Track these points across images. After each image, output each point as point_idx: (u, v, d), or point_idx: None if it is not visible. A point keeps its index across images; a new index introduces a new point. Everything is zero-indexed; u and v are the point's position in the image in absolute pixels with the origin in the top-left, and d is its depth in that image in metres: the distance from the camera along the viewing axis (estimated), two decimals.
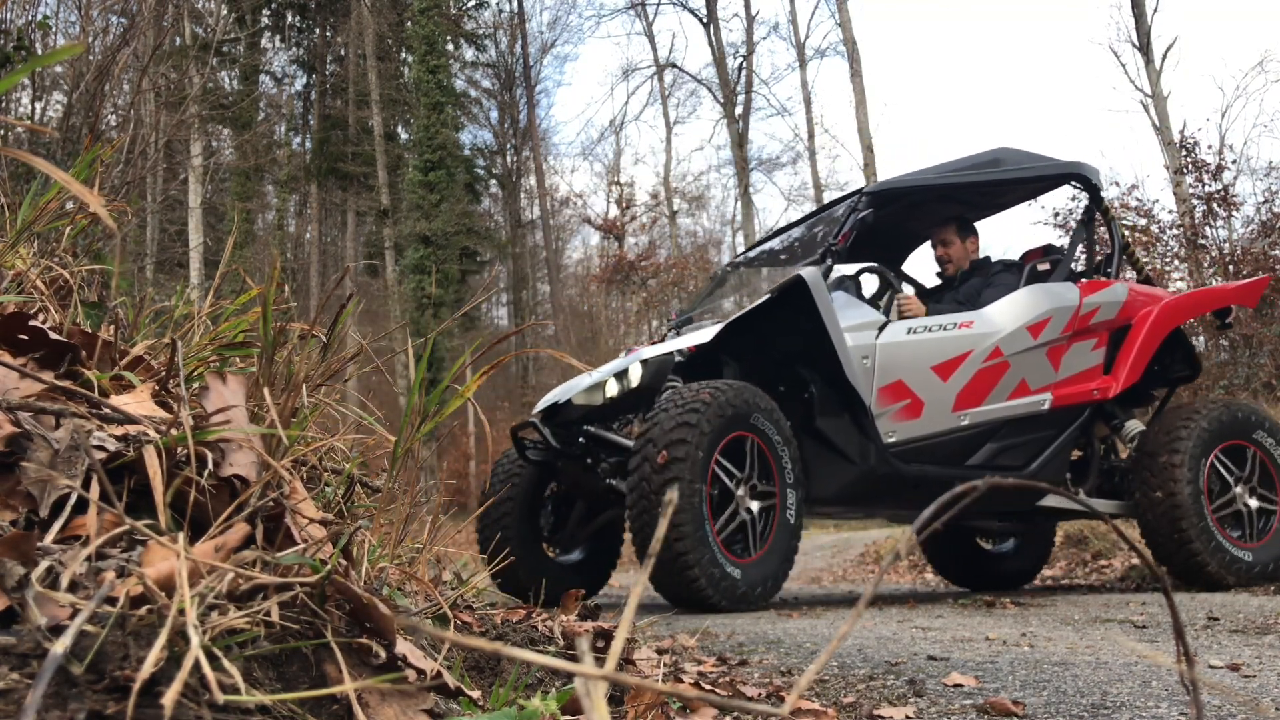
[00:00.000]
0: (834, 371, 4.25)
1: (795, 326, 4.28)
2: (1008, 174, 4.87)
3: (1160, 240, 12.98)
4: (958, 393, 4.48)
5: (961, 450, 4.55)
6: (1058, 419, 4.75)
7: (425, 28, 22.26)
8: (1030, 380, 4.66)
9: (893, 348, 4.40)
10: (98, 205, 0.59)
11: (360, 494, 1.42)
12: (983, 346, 4.53)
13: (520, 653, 0.43)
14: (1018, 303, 4.67)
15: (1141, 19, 16.25)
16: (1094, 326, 4.81)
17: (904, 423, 4.40)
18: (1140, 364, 4.86)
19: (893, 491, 4.45)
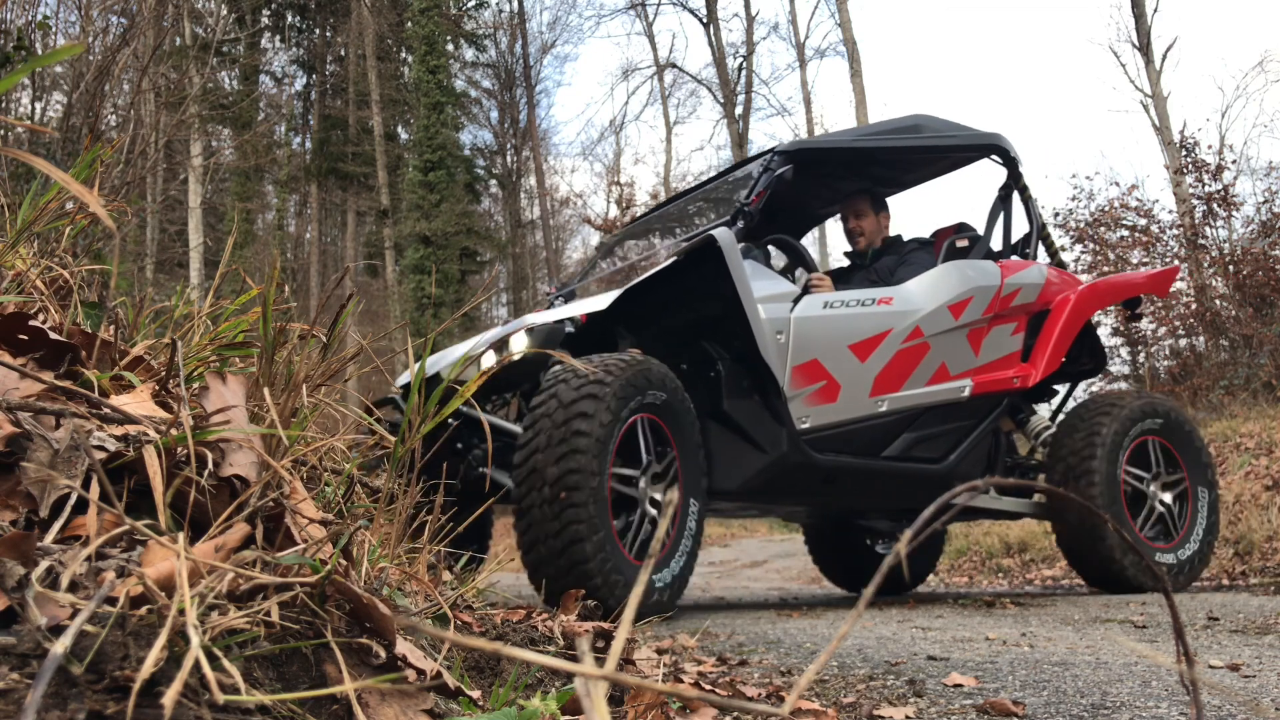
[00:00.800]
0: (745, 347, 3.81)
1: (702, 295, 3.85)
2: (926, 140, 4.55)
3: (1160, 240, 12.98)
4: (876, 375, 4.11)
5: (878, 439, 4.19)
6: (977, 408, 4.45)
7: (425, 28, 22.27)
8: (950, 364, 4.33)
9: (809, 323, 3.96)
10: (97, 205, 0.59)
11: (360, 494, 1.42)
12: (903, 325, 4.17)
13: (520, 653, 0.43)
14: (938, 280, 4.32)
15: (1141, 19, 16.25)
16: (1014, 309, 4.51)
17: (819, 407, 3.98)
18: (1059, 352, 4.60)
19: (803, 484, 4.03)
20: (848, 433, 4.07)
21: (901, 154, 4.66)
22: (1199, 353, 11.98)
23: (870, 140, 4.45)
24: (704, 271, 3.73)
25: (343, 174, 26.37)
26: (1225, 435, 7.86)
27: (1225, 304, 11.74)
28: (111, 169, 5.18)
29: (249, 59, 23.65)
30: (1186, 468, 4.62)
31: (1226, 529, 6.06)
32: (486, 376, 1.41)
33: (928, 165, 5.03)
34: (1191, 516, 4.59)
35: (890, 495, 4.41)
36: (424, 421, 1.29)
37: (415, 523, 1.49)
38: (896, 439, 4.24)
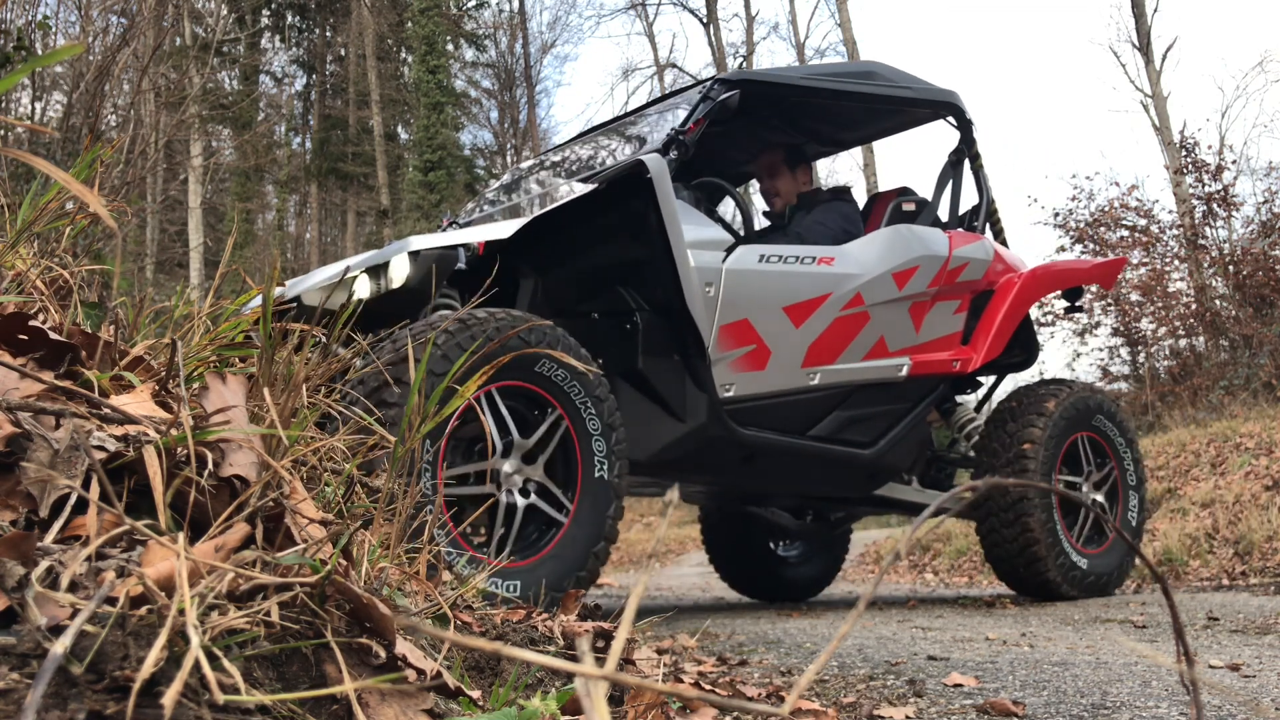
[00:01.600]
0: (669, 298, 3.31)
1: (623, 232, 3.37)
2: (879, 88, 4.08)
3: (1160, 240, 12.99)
4: (810, 344, 3.66)
5: (806, 416, 3.76)
6: (913, 390, 4.04)
7: (425, 28, 22.27)
8: (889, 339, 3.89)
9: (742, 276, 3.47)
10: (98, 205, 0.59)
11: (360, 494, 1.42)
12: (843, 290, 3.71)
13: (520, 653, 0.43)
14: (883, 243, 3.90)
15: (1141, 19, 16.26)
16: (958, 286, 4.09)
17: (745, 374, 3.52)
18: (1003, 337, 4.21)
19: (721, 461, 3.60)
20: (775, 405, 3.63)
21: (851, 101, 4.14)
22: (1199, 353, 11.98)
23: (821, 80, 3.97)
24: (630, 206, 3.25)
25: (343, 174, 26.37)
26: (1225, 435, 7.86)
27: (1225, 304, 11.75)
28: (111, 169, 5.18)
29: (249, 59, 23.66)
30: (1117, 464, 4.35)
31: (1226, 529, 6.06)
32: (485, 376, 1.41)
33: (874, 120, 4.61)
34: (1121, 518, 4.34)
35: (812, 480, 4.04)
36: (424, 421, 1.29)
37: (415, 522, 1.49)
38: (826, 417, 3.81)
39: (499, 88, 28.67)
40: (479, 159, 27.61)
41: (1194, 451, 7.85)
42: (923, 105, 4.31)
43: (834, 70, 4.10)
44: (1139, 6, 16.28)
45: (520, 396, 2.88)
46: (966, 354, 4.16)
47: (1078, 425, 4.19)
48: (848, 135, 4.82)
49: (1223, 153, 12.95)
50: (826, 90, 3.98)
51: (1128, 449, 4.38)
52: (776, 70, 4.03)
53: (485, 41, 27.57)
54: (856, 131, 4.79)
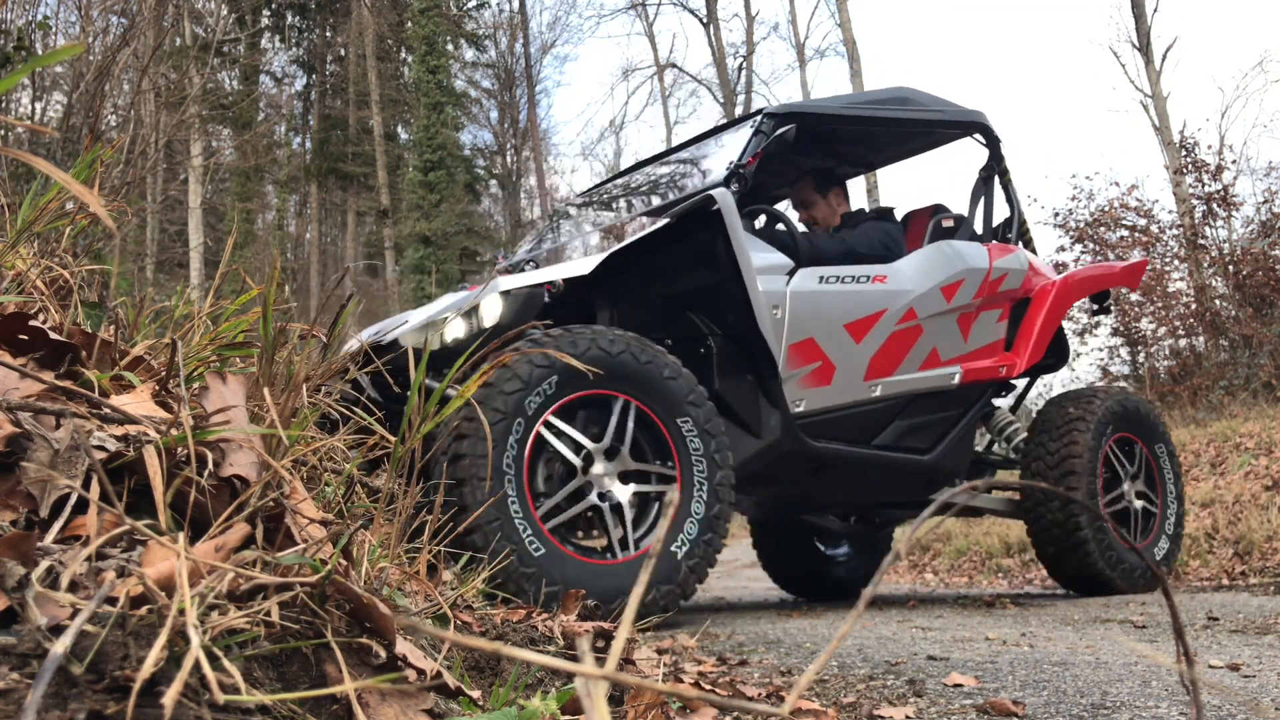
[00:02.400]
0: (742, 322, 3.53)
1: (694, 262, 3.58)
2: (913, 113, 4.30)
3: (1160, 240, 12.98)
4: (870, 358, 3.87)
5: (869, 426, 3.96)
6: (965, 396, 4.26)
7: (425, 28, 22.27)
8: (941, 350, 4.11)
9: (806, 298, 3.68)
10: (98, 205, 0.60)
11: (360, 494, 1.42)
12: (897, 305, 3.92)
13: (520, 652, 0.43)
14: (930, 260, 4.11)
15: (1141, 19, 16.26)
16: (1000, 296, 4.31)
17: (813, 390, 3.72)
18: (1043, 343, 4.43)
19: (794, 473, 3.81)
20: (841, 418, 3.84)
21: (886, 126, 4.40)
22: (1199, 353, 11.97)
23: (860, 109, 4.20)
24: (698, 237, 3.47)
25: (343, 174, 26.37)
26: (1225, 435, 7.86)
27: (1225, 304, 11.74)
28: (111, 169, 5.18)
29: (249, 59, 23.65)
30: (1155, 465, 4.55)
31: (1226, 529, 6.06)
32: (485, 377, 1.41)
33: (906, 142, 4.82)
34: (1161, 513, 4.54)
35: (877, 487, 4.23)
36: (424, 421, 1.29)
37: (415, 522, 1.49)
38: (887, 427, 4.03)
39: (499, 88, 28.68)
40: (479, 159, 27.61)
41: (1194, 451, 7.85)
42: (953, 126, 4.53)
43: (871, 98, 4.29)
44: (1139, 6, 16.28)
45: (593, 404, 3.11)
46: (1010, 360, 4.38)
47: (1119, 428, 4.40)
48: (878, 156, 5.01)
49: (1222, 153, 12.95)
50: (867, 118, 4.22)
51: (1165, 451, 4.59)
52: (820, 102, 4.21)
53: (485, 41, 27.57)
54: (886, 152, 4.97)
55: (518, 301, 3.37)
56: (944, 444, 4.16)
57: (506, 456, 2.87)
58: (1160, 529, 4.51)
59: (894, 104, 4.27)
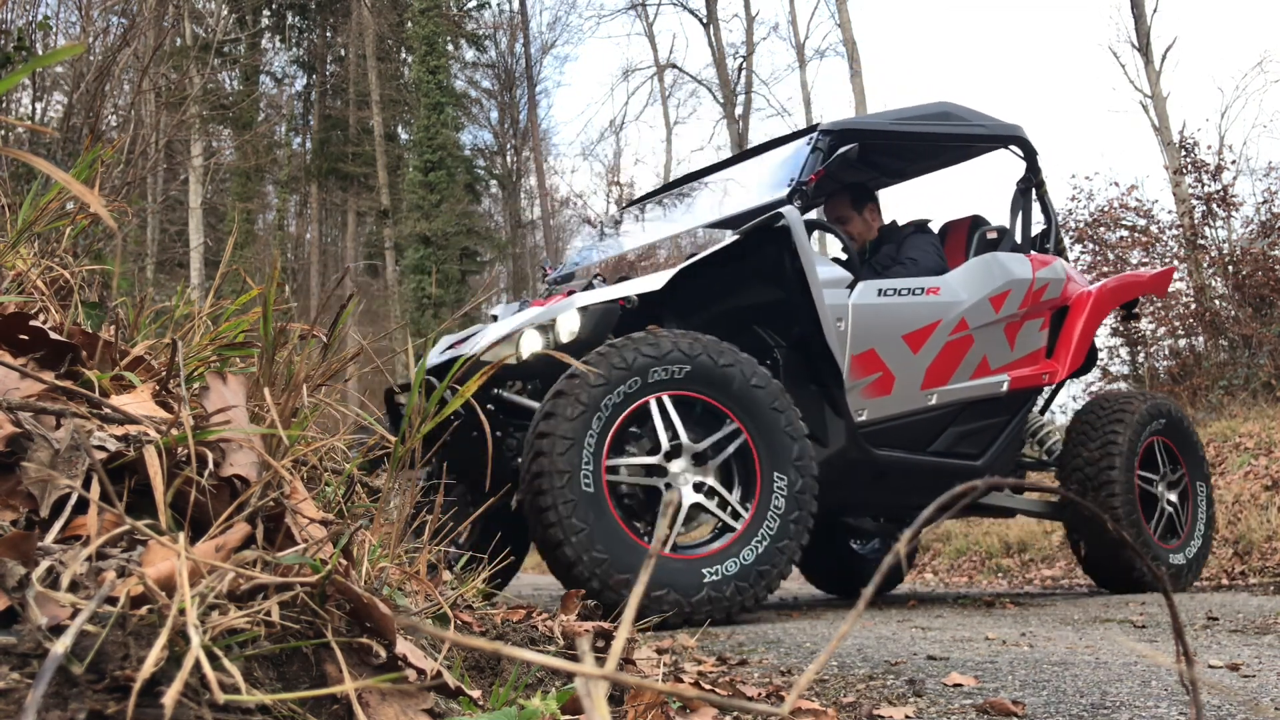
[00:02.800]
0: (809, 334, 3.66)
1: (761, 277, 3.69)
2: (956, 128, 4.43)
3: (1160, 240, 12.98)
4: (927, 367, 4.01)
5: (926, 434, 4.11)
6: (1012, 403, 4.40)
7: (425, 28, 22.27)
8: (991, 358, 4.25)
9: (867, 310, 3.81)
10: (98, 205, 0.60)
11: (360, 494, 1.42)
12: (950, 316, 4.06)
13: (520, 652, 0.43)
14: (978, 271, 4.25)
15: (1141, 19, 16.26)
16: (1042, 305, 4.46)
17: (875, 399, 3.86)
18: (1082, 349, 4.60)
19: (858, 480, 3.91)
20: (900, 426, 3.98)
21: (929, 141, 4.52)
22: (1198, 353, 11.97)
23: (907, 125, 4.30)
24: (765, 252, 3.58)
25: (343, 174, 26.37)
26: (1225, 435, 7.86)
27: (1225, 304, 11.74)
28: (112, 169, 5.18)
29: (249, 59, 23.65)
30: (1186, 466, 4.68)
31: (1226, 529, 6.06)
32: (485, 377, 1.41)
33: (943, 154, 4.93)
34: (1192, 514, 4.67)
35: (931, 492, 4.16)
36: (424, 421, 1.29)
37: (415, 522, 1.49)
38: (941, 434, 4.17)
39: (499, 88, 28.68)
40: (479, 159, 27.62)
41: None
42: (992, 139, 4.63)
43: (916, 114, 4.36)
44: (1139, 7, 16.28)
45: (696, 406, 3.24)
46: (1053, 367, 4.53)
47: (1153, 431, 4.55)
48: (913, 168, 5.12)
49: (1222, 153, 12.94)
50: (915, 134, 4.34)
51: (1195, 449, 4.75)
52: (870, 118, 4.33)
53: (485, 41, 27.57)
54: (922, 164, 5.08)
55: (594, 317, 3.49)
56: (994, 449, 4.31)
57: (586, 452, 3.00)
58: (1192, 529, 4.64)
59: (938, 119, 4.38)
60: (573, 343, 3.45)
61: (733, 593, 3.08)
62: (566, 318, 3.49)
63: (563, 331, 3.48)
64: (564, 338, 3.47)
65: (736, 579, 3.10)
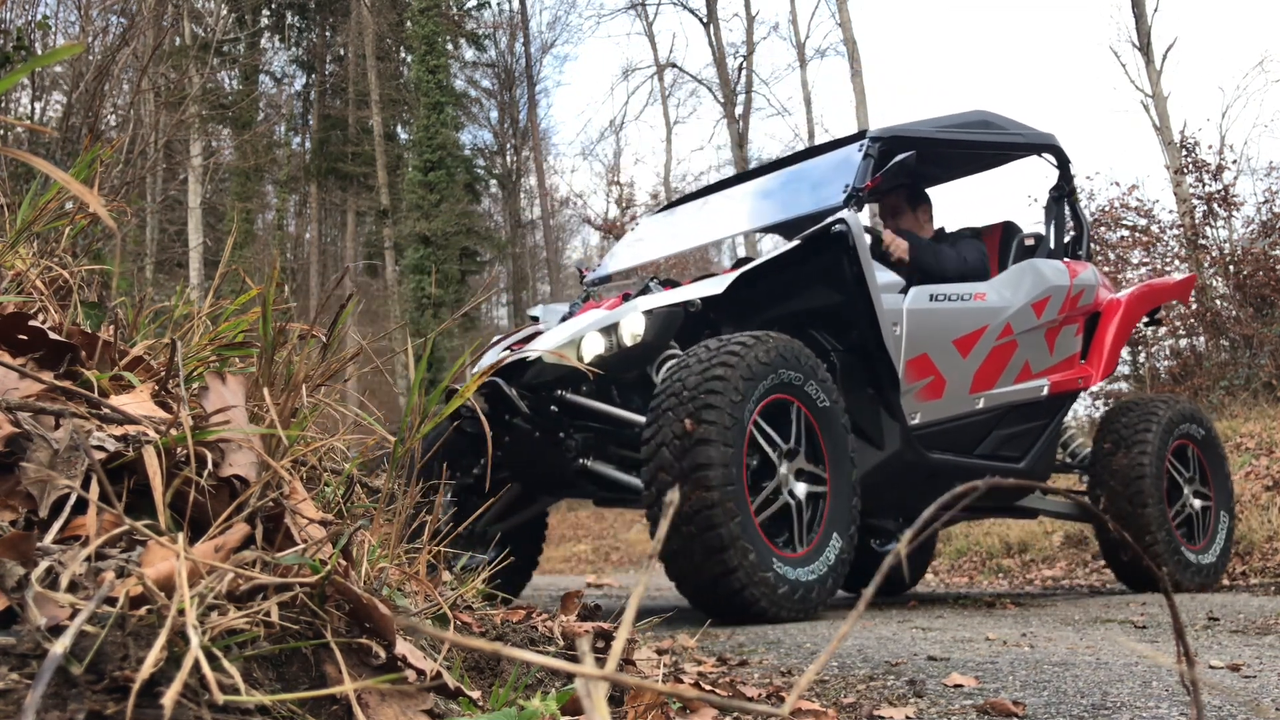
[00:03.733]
0: (867, 339, 3.72)
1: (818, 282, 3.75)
2: (996, 136, 4.52)
3: (1160, 240, 12.98)
4: (975, 372, 4.08)
5: (973, 437, 4.20)
6: (1051, 407, 4.49)
7: (425, 28, 22.26)
8: (1033, 363, 4.34)
9: (920, 315, 3.87)
10: (97, 205, 0.59)
11: (360, 494, 1.42)
12: (997, 321, 4.13)
13: (520, 653, 0.43)
14: (1021, 277, 4.33)
15: (1141, 19, 16.25)
16: (1078, 310, 4.54)
17: (927, 403, 3.93)
18: (1115, 354, 4.71)
19: (909, 481, 3.98)
20: (950, 429, 4.05)
21: (970, 149, 4.58)
22: (1199, 353, 11.97)
23: (951, 133, 4.35)
24: (823, 257, 3.62)
25: (343, 174, 26.36)
26: (1225, 435, 7.85)
27: (1225, 304, 11.74)
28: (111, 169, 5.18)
29: (249, 59, 23.65)
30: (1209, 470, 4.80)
31: None
32: (485, 377, 1.41)
33: (979, 161, 5.00)
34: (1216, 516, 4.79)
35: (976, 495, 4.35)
36: (423, 421, 1.29)
37: (415, 522, 1.49)
38: (987, 437, 4.24)
39: (499, 88, 28.68)
40: (479, 159, 27.62)
41: None
42: (1028, 148, 4.72)
43: (957, 121, 4.44)
44: (1139, 6, 16.28)
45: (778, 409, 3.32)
46: (1087, 371, 4.63)
47: (1178, 435, 4.65)
48: (948, 174, 5.19)
49: (1223, 152, 12.94)
50: (957, 141, 4.39)
51: (1218, 457, 4.86)
52: (915, 126, 4.32)
53: (485, 41, 27.57)
54: (958, 170, 5.14)
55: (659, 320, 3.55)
56: (1034, 452, 4.39)
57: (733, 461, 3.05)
58: (1215, 530, 4.75)
59: (978, 127, 4.46)
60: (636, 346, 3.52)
61: (819, 592, 3.23)
62: (631, 320, 3.55)
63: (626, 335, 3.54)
64: (627, 341, 3.53)
65: (823, 578, 3.26)
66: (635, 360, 3.60)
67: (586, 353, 3.55)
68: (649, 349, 3.55)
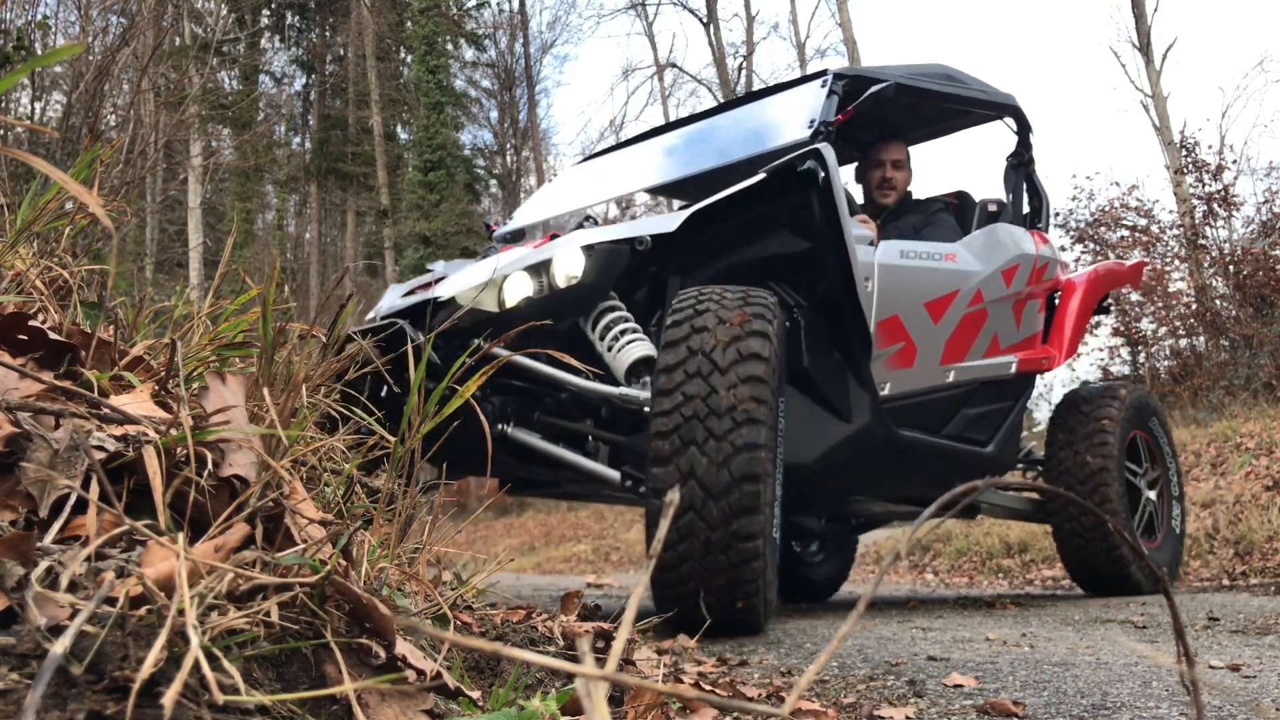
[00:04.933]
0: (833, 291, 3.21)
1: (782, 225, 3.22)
2: (960, 90, 4.08)
3: (1160, 240, 12.99)
4: (946, 340, 3.66)
5: (942, 414, 3.78)
6: (1017, 388, 4.09)
7: (425, 28, 22.27)
8: (1001, 337, 3.94)
9: (892, 272, 3.41)
10: (97, 205, 0.59)
11: (360, 494, 1.42)
12: (968, 286, 3.71)
13: (520, 653, 0.43)
14: (989, 242, 3.89)
15: (1141, 19, 16.25)
16: (1043, 284, 4.16)
17: (897, 372, 3.49)
18: (1077, 336, 4.36)
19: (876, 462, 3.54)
20: (919, 404, 3.63)
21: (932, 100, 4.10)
22: (1199, 353, 11.98)
23: (913, 80, 3.89)
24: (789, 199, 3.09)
25: (342, 174, 26.37)
26: (1225, 435, 7.86)
27: (1225, 304, 11.74)
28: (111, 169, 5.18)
29: (249, 59, 23.66)
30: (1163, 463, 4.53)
31: (1227, 529, 6.06)
32: (485, 377, 1.41)
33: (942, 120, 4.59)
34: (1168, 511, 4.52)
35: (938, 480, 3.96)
36: (424, 421, 1.29)
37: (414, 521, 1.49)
38: (954, 416, 3.85)
39: (499, 88, 28.68)
40: (479, 159, 27.62)
41: (1194, 452, 7.85)
42: (989, 107, 4.33)
43: (920, 70, 4.03)
44: (1139, 6, 16.28)
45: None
46: (1050, 352, 4.26)
47: (1136, 426, 4.34)
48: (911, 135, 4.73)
49: (1223, 152, 12.95)
50: (920, 90, 3.93)
51: (1171, 449, 4.58)
52: (878, 69, 3.88)
53: (485, 41, 27.57)
54: (921, 130, 4.73)
55: (601, 259, 2.92)
56: (1000, 436, 4.02)
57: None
58: (1168, 526, 4.51)
59: (939, 79, 4.05)
60: (571, 289, 2.93)
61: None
62: (566, 258, 2.95)
63: (560, 275, 2.95)
64: (561, 282, 2.94)
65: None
66: (569, 307, 2.99)
67: (510, 295, 2.99)
68: (587, 294, 2.94)
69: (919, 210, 4.15)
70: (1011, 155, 4.45)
